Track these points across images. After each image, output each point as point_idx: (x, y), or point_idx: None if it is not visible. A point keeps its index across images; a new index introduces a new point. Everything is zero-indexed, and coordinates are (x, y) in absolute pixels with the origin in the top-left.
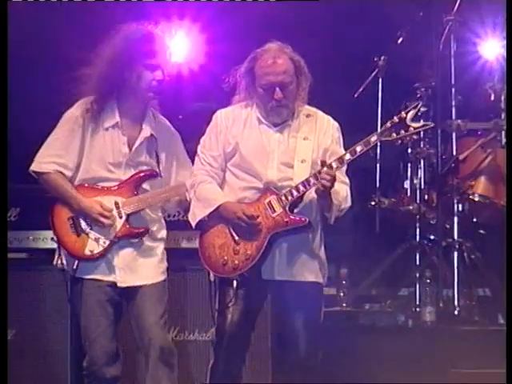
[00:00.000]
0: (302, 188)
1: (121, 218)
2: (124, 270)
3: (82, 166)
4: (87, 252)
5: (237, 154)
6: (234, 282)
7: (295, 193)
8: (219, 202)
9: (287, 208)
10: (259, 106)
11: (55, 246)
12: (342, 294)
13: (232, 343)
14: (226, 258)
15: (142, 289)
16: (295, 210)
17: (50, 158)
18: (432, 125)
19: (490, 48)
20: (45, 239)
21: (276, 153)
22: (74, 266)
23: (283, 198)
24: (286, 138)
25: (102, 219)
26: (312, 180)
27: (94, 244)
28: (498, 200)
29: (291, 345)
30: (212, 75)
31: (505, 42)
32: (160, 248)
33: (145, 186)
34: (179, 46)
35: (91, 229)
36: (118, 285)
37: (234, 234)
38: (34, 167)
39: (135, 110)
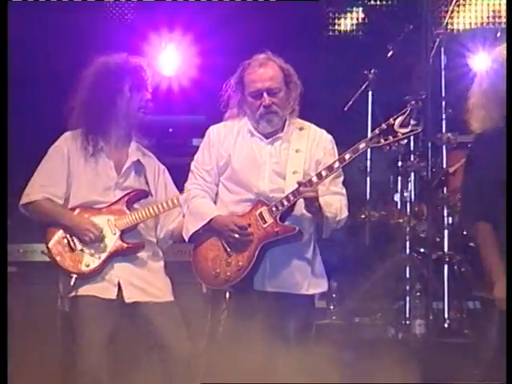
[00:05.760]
0: (292, 197)
1: (114, 234)
2: (129, 286)
3: (72, 195)
4: (84, 267)
5: (229, 167)
6: (227, 294)
7: (286, 202)
8: (211, 215)
9: (278, 218)
10: (250, 117)
11: (46, 259)
12: (332, 307)
13: (224, 356)
14: (218, 270)
15: (156, 308)
16: (286, 222)
17: (38, 188)
18: (420, 130)
19: (481, 61)
20: (35, 252)
21: (267, 164)
22: (72, 283)
23: (274, 208)
24: (277, 150)
25: (90, 234)
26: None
27: (89, 259)
28: None
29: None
30: (202, 88)
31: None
32: (161, 268)
33: (136, 206)
34: (169, 59)
35: (86, 245)
36: (126, 301)
37: (226, 246)
38: (22, 201)
39: (118, 136)
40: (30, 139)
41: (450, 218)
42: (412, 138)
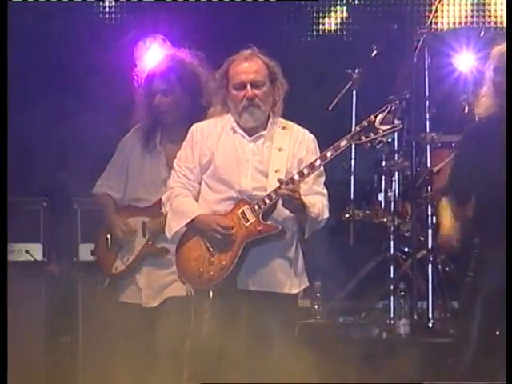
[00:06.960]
0: (274, 196)
1: (144, 236)
2: (148, 290)
3: (128, 188)
4: (113, 270)
5: (212, 165)
6: (210, 293)
7: (268, 201)
8: (194, 213)
9: (260, 217)
10: (233, 111)
11: (30, 258)
12: (316, 307)
13: (209, 355)
14: (201, 269)
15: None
16: (268, 221)
17: (102, 181)
18: (401, 126)
19: (464, 61)
20: (19, 251)
21: (250, 162)
22: (106, 284)
23: (256, 207)
24: (260, 149)
25: (120, 233)
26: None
27: (119, 262)
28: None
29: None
30: None
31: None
32: None
33: None
34: (154, 58)
35: (121, 248)
36: (143, 305)
37: (209, 246)
38: (92, 190)
39: (178, 136)
40: (29, 139)
41: (434, 218)
42: (396, 137)
